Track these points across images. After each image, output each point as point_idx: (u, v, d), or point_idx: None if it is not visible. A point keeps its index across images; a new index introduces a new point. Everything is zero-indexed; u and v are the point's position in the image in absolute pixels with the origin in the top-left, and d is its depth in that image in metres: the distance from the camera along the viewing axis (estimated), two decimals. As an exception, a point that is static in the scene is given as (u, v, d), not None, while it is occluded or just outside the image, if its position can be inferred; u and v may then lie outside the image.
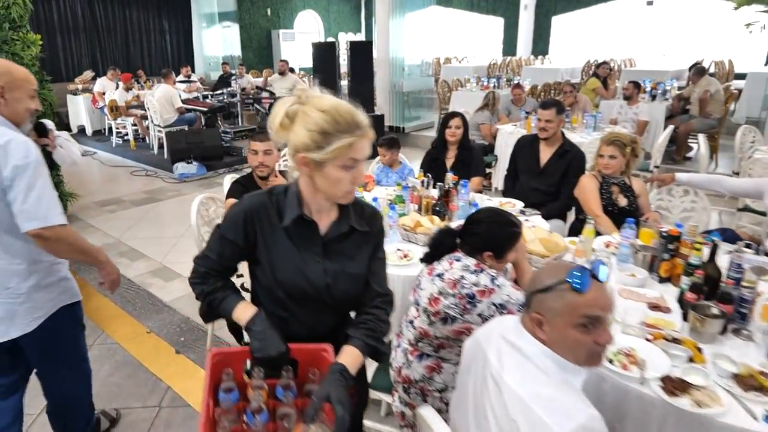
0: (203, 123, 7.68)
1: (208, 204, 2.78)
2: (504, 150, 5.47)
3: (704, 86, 6.24)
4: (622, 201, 2.85)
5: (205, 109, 7.35)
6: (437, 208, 2.71)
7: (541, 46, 14.16)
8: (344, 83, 7.44)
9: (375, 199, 2.78)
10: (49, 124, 2.18)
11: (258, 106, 8.38)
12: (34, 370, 1.85)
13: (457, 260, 1.69)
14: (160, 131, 7.17)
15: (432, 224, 2.49)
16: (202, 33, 12.97)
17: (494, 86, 8.02)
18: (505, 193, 3.61)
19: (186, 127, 7.28)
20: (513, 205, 3.03)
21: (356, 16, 17.20)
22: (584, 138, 5.04)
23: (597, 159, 2.90)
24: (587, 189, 2.86)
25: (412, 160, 7.91)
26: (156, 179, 6.51)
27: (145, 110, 7.53)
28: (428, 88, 9.38)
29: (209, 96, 8.51)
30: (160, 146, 7.37)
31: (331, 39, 16.09)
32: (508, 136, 5.45)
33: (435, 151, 3.62)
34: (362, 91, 7.42)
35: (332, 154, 1.18)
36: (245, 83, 9.28)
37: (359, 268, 1.38)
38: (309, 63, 12.68)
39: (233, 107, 8.53)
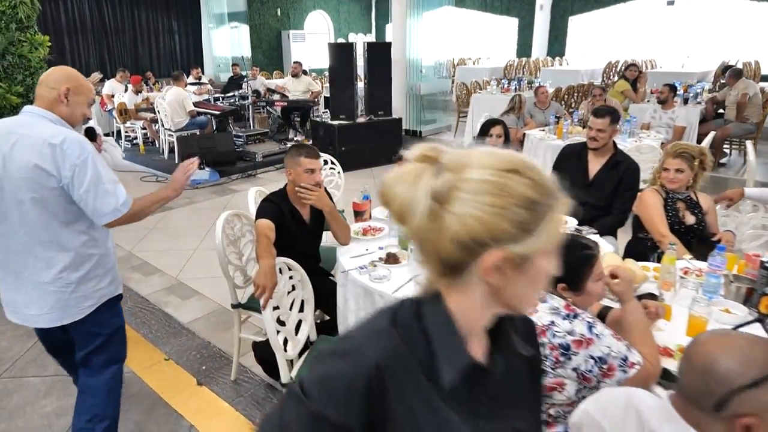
0: (215, 127, 7.47)
1: (233, 221, 2.54)
2: (533, 156, 5.22)
3: (742, 89, 5.96)
4: (690, 219, 2.60)
5: (217, 112, 7.14)
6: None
7: (557, 47, 13.88)
8: (360, 86, 7.19)
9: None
10: (97, 129, 2.41)
11: (270, 109, 8.15)
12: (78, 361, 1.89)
13: (542, 301, 1.44)
14: (171, 135, 6.96)
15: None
16: (211, 34, 12.79)
17: (515, 89, 7.77)
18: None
19: (198, 131, 7.07)
20: (565, 222, 2.77)
21: (367, 17, 17.00)
22: (621, 145, 4.76)
23: (661, 172, 2.66)
24: (651, 205, 2.61)
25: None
26: (167, 186, 6.29)
27: (155, 113, 7.33)
28: (444, 90, 9.14)
29: (220, 99, 8.30)
30: (171, 151, 7.17)
31: (341, 39, 15.90)
32: (538, 142, 5.20)
33: None
34: (380, 94, 7.18)
35: (546, 236, 0.70)
36: (258, 85, 9.07)
37: (532, 424, 0.86)
38: (319, 64, 12.49)
39: (245, 110, 8.32)
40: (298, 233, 2.42)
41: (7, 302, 1.82)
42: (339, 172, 3.85)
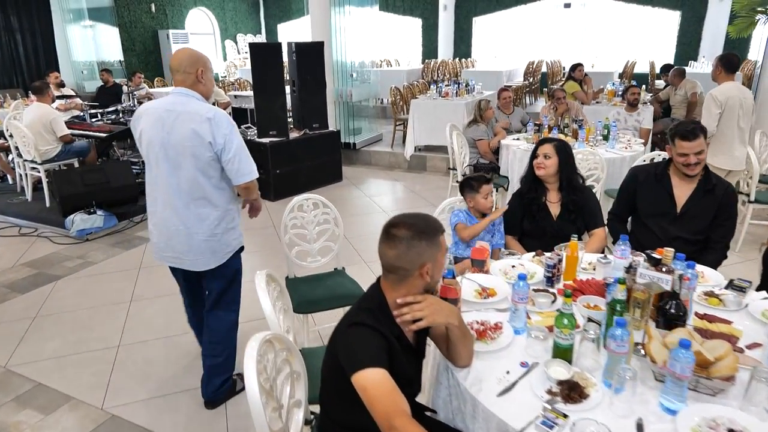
0: (97, 154, 5.82)
1: (266, 354, 1.45)
2: (515, 167, 4.65)
3: (690, 88, 6.05)
4: None
5: (103, 134, 5.52)
6: (671, 311, 1.66)
7: (463, 48, 13.88)
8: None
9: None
10: None
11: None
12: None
13: None
14: (35, 169, 5.23)
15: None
16: (67, 34, 10.51)
17: (455, 93, 7.26)
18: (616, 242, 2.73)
19: (76, 161, 5.42)
20: (703, 276, 2.11)
21: (255, 16, 15.58)
22: (610, 155, 4.38)
23: None
24: None
25: (368, 181, 6.92)
26: (41, 241, 4.62)
27: (5, 140, 5.49)
28: (374, 95, 8.36)
29: (98, 115, 6.57)
30: (36, 189, 5.42)
31: (229, 41, 14.31)
32: (524, 154, 4.63)
33: (528, 192, 2.61)
34: (314, 103, 6.16)
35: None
36: (144, 95, 7.43)
37: None
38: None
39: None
40: (405, 362, 1.43)
41: (161, 248, 2.25)
42: (335, 218, 2.84)
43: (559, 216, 2.56)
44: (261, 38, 15.59)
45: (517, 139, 5.09)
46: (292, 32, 15.43)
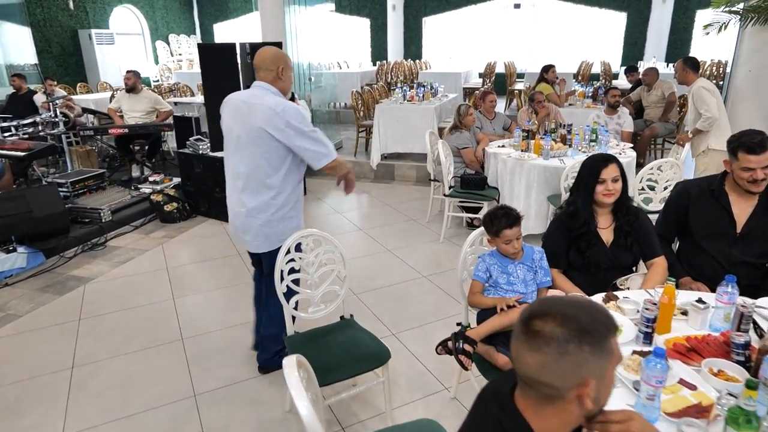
0: (13, 176, 4.94)
1: None
2: (515, 181, 4.34)
3: (668, 88, 6.03)
4: None
5: (21, 153, 4.66)
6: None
7: (413, 49, 13.63)
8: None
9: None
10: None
11: (101, 141, 5.83)
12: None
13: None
14: (-68, 197, 4.30)
15: None
16: (-35, 33, 9.19)
17: (422, 96, 6.90)
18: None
19: (-14, 186, 4.54)
20: None
21: (188, 15, 14.55)
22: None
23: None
24: None
25: (333, 194, 6.41)
26: (-56, 289, 3.76)
27: None
28: (334, 100, 7.85)
29: (13, 128, 5.64)
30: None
31: (160, 41, 13.24)
32: (515, 163, 4.32)
33: (575, 219, 2.23)
34: (273, 110, 5.56)
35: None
36: (63, 104, 6.50)
37: None
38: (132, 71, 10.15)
39: (54, 140, 5.79)
40: None
41: (232, 228, 2.53)
42: (341, 256, 2.34)
43: (613, 243, 2.22)
44: (196, 39, 14.59)
45: (503, 146, 4.79)
46: (230, 32, 14.55)
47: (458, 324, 2.34)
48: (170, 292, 3.67)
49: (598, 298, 1.89)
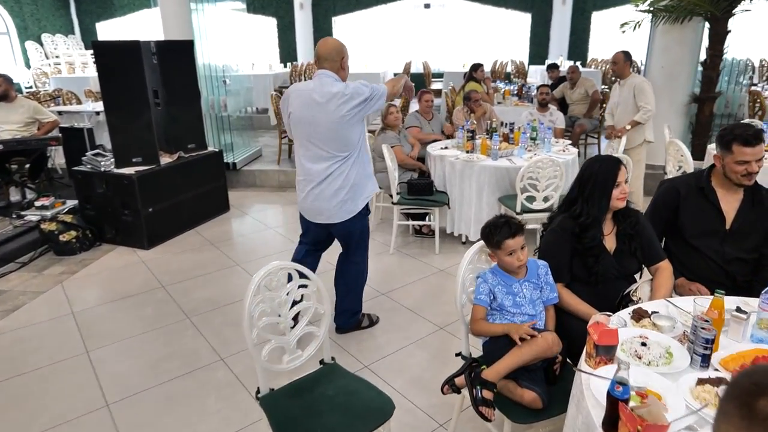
0: None
1: None
2: (465, 184, 4.19)
3: (591, 86, 6.27)
4: None
5: None
6: None
7: (324, 49, 13.25)
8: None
9: None
10: None
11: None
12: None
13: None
14: None
15: None
16: None
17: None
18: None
19: None
20: None
21: (63, 12, 12.97)
22: (561, 159, 4.16)
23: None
24: None
25: (261, 207, 5.88)
26: None
27: None
28: (250, 104, 7.29)
29: None
30: None
31: (31, 42, 11.64)
32: (464, 165, 4.17)
33: (589, 231, 2.03)
34: (187, 118, 4.97)
35: None
36: None
37: None
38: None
39: None
40: None
41: (310, 208, 2.76)
42: (317, 290, 1.96)
43: (616, 251, 2.07)
44: (75, 39, 13.06)
45: (445, 147, 4.64)
46: (117, 32, 13.20)
47: (458, 355, 2.07)
48: (81, 344, 3.02)
49: (625, 315, 1.72)
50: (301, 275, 1.91)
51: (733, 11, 5.17)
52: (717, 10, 5.09)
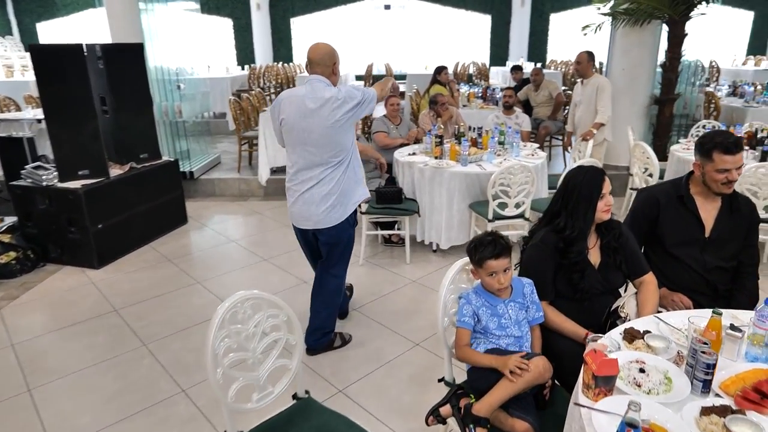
0: None
1: None
2: (425, 188, 4.10)
3: (555, 89, 6.31)
4: None
5: None
6: None
7: (283, 51, 12.99)
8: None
9: None
10: None
11: None
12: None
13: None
14: None
15: None
16: None
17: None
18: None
19: None
20: None
21: (1, 12, 12.20)
22: (531, 163, 4.13)
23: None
24: None
25: (221, 218, 5.63)
26: None
27: None
28: (206, 109, 7.00)
29: None
30: None
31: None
32: (433, 172, 4.08)
33: (574, 245, 1.95)
34: (138, 126, 4.68)
35: None
36: None
37: None
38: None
39: None
40: None
41: (299, 214, 2.73)
42: (288, 320, 1.81)
43: (601, 264, 2.01)
44: (14, 40, 12.31)
45: (413, 153, 4.54)
46: (60, 33, 12.52)
47: (441, 381, 1.96)
48: (22, 380, 2.74)
49: (617, 336, 1.65)
50: (270, 304, 1.75)
51: (690, 14, 5.30)
52: (675, 13, 5.20)
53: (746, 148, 4.15)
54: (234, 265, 4.21)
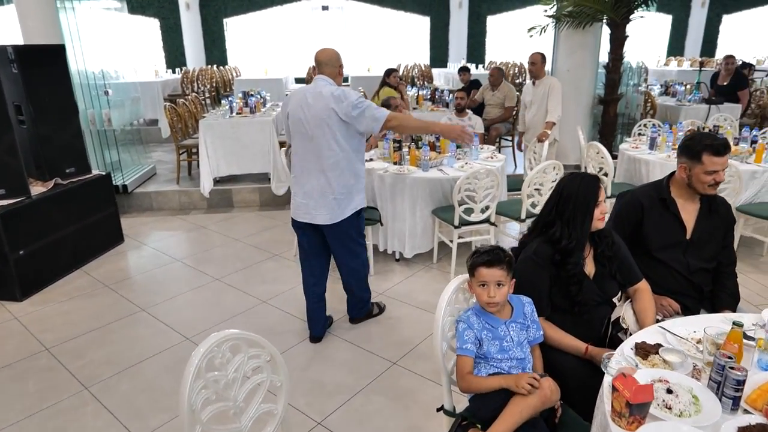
0: None
1: None
2: (386, 196, 3.97)
3: (511, 98, 6.37)
4: None
5: None
6: None
7: (216, 53, 12.44)
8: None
9: None
10: None
11: None
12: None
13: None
14: None
15: None
16: None
17: (253, 108, 6.13)
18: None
19: None
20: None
21: None
22: (491, 166, 4.10)
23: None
24: None
25: (161, 235, 5.21)
26: None
27: None
28: (138, 117, 6.51)
29: None
30: None
31: None
32: (394, 178, 3.95)
33: (572, 256, 1.87)
34: (62, 138, 4.22)
35: None
36: None
37: None
38: None
39: None
40: None
41: (298, 207, 2.89)
42: (272, 359, 1.60)
43: (596, 274, 1.95)
44: None
45: (370, 159, 4.39)
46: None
47: (440, 410, 1.82)
48: (-64, 444, 2.33)
49: (629, 352, 1.58)
50: (251, 343, 1.54)
51: (631, 17, 5.52)
52: (617, 16, 5.40)
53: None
54: (182, 288, 3.87)
